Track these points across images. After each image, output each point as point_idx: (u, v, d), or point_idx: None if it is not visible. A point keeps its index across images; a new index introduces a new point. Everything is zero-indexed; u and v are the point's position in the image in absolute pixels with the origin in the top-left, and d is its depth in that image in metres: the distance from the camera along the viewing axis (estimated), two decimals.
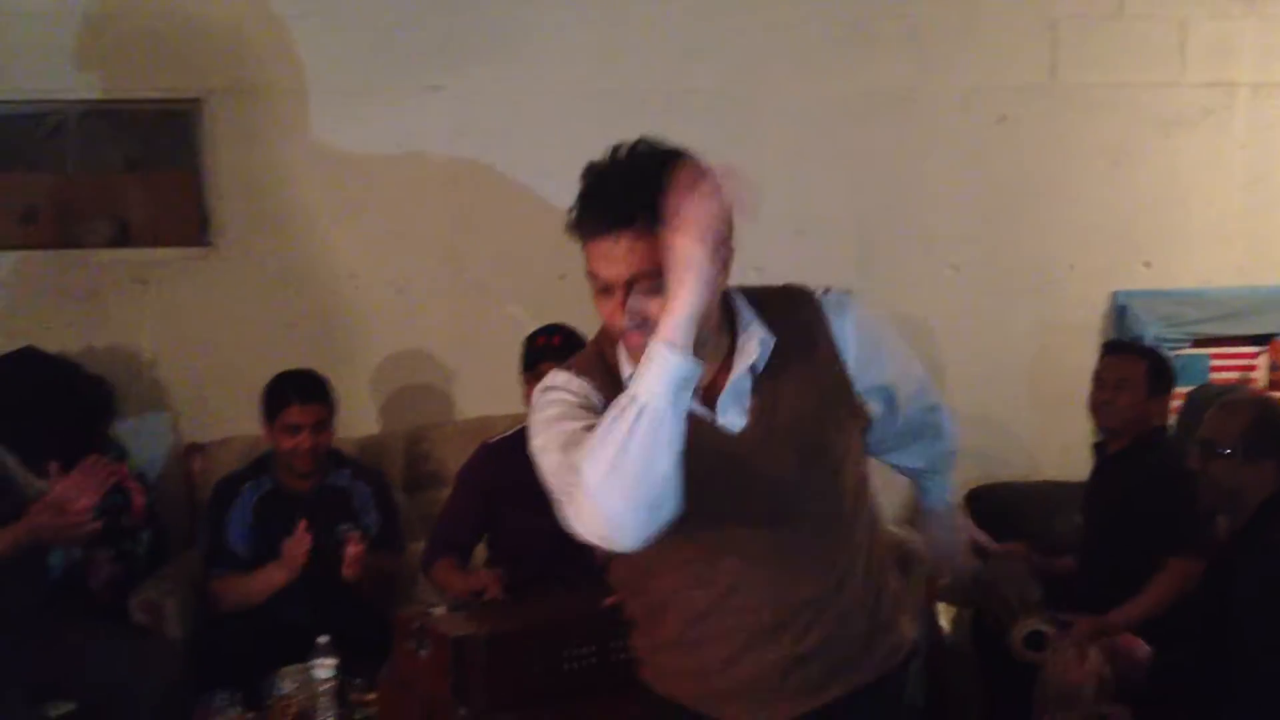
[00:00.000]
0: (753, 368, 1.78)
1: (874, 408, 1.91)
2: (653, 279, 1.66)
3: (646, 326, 1.66)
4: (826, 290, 1.88)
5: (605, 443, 1.57)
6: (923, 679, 3.68)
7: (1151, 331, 4.22)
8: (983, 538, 2.42)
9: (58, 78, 4.04)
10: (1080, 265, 4.39)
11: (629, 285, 1.69)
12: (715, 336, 1.77)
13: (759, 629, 1.83)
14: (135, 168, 4.28)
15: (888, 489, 2.19)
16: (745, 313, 1.81)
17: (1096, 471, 3.55)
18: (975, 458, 4.24)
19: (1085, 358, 3.73)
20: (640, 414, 1.56)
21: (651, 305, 1.66)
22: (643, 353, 1.64)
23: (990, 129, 4.37)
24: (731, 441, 1.79)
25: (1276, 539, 2.69)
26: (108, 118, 4.22)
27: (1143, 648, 2.85)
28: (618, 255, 1.68)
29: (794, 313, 1.84)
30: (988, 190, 4.39)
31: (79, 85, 4.06)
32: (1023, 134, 4.37)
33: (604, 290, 1.72)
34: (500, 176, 4.20)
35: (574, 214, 1.73)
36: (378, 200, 4.18)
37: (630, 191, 1.67)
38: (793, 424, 1.80)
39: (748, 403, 1.80)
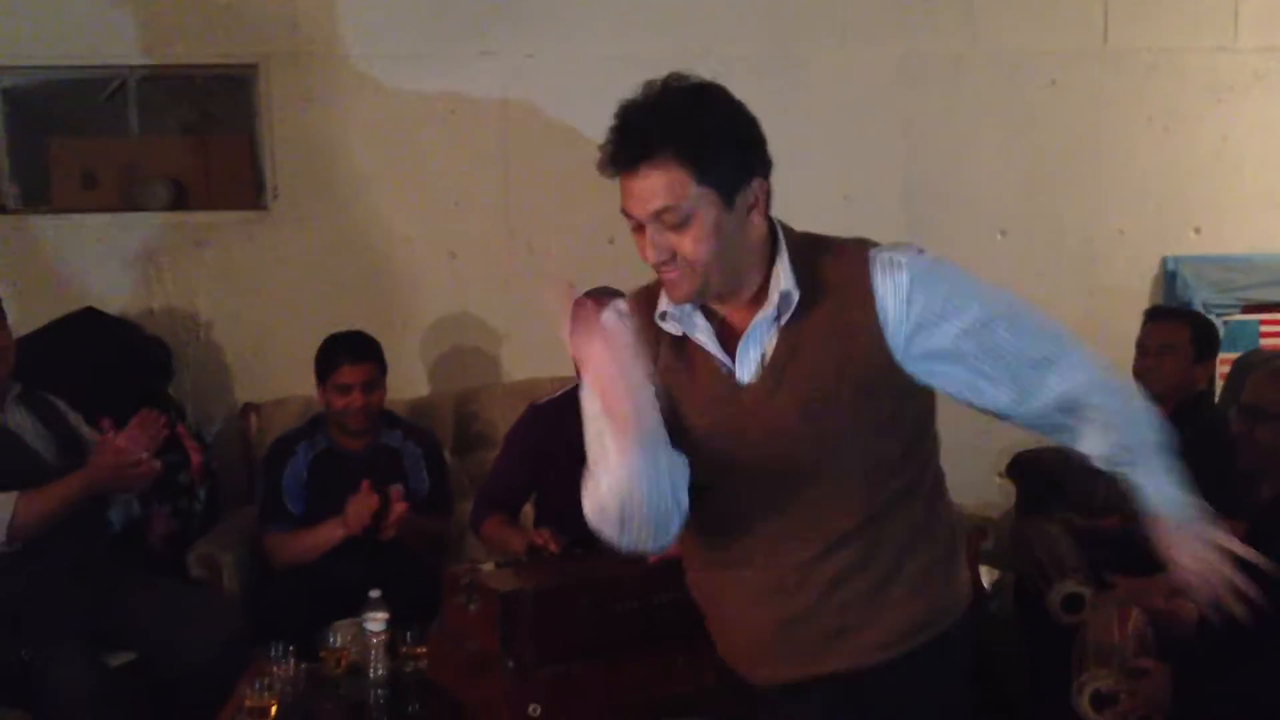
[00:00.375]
0: (776, 319, 1.76)
1: (945, 375, 1.77)
2: (675, 213, 1.67)
3: (675, 262, 1.70)
4: (883, 246, 1.81)
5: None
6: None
7: (1200, 297, 4.21)
8: (1247, 553, 1.93)
9: (118, 44, 4.13)
10: (1130, 230, 4.38)
11: (655, 219, 1.68)
12: (749, 279, 1.77)
13: (755, 586, 1.84)
14: (193, 132, 4.37)
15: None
16: (782, 261, 1.76)
17: None
18: None
19: (1133, 323, 3.73)
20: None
21: (674, 239, 1.68)
22: (675, 289, 1.73)
23: (1040, 94, 4.35)
24: (739, 390, 1.78)
25: None
26: (167, 83, 4.32)
27: (1189, 608, 2.85)
28: (641, 190, 1.69)
29: (837, 268, 1.77)
30: (1037, 155, 4.37)
31: (139, 51, 4.14)
32: (1073, 99, 4.35)
33: (635, 228, 1.72)
34: (550, 141, 4.24)
35: (602, 151, 1.72)
36: (430, 165, 4.24)
37: (652, 125, 1.68)
38: (805, 380, 1.75)
39: (765, 353, 1.77)
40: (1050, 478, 3.94)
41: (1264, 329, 4.32)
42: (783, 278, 1.75)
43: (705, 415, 1.80)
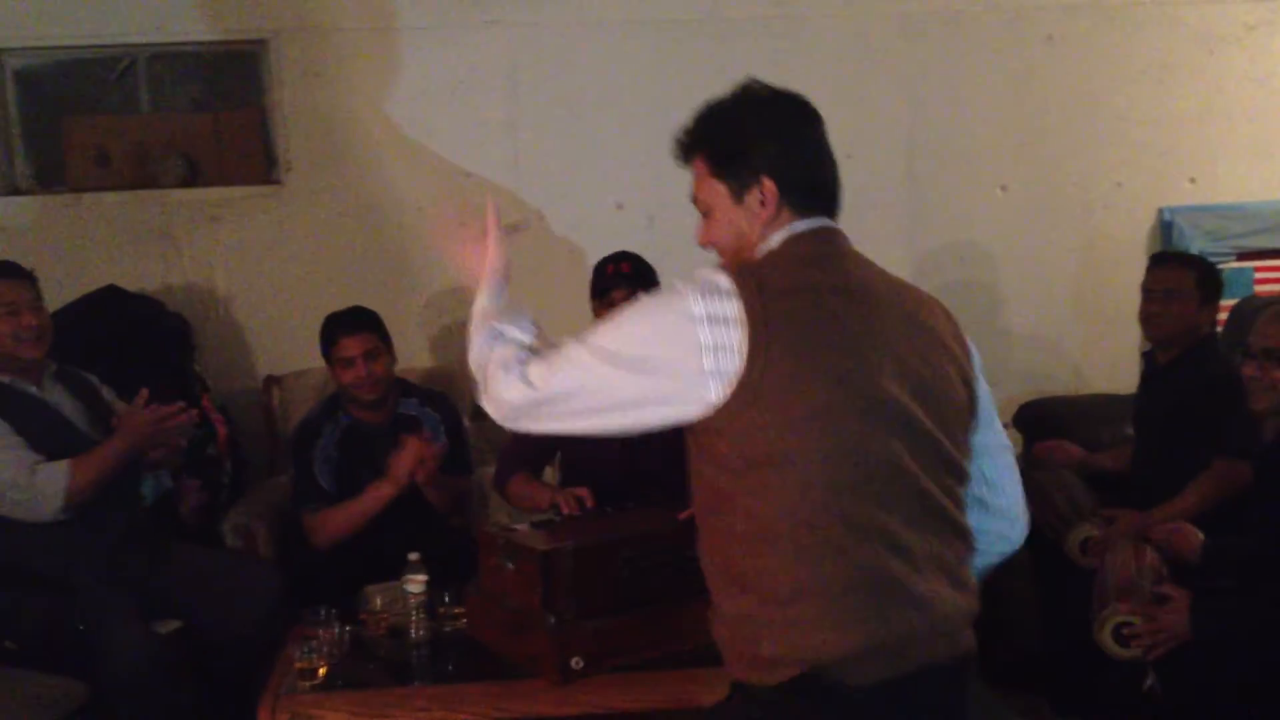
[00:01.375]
0: None
1: None
2: (701, 203, 1.92)
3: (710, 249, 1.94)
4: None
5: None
6: (980, 585, 3.85)
7: (1197, 246, 4.28)
8: None
9: (128, 22, 4.17)
10: (1127, 182, 4.45)
11: (696, 206, 1.94)
12: None
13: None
14: (204, 108, 4.40)
15: None
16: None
17: (1147, 380, 3.64)
18: (1025, 373, 4.38)
19: (1132, 273, 3.80)
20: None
21: (701, 228, 1.93)
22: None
23: (1038, 48, 4.41)
24: None
25: None
26: (177, 60, 4.36)
27: (1194, 533, 2.94)
28: (695, 180, 1.93)
29: None
30: (1035, 109, 4.43)
31: (148, 28, 4.18)
32: (1069, 53, 4.41)
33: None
34: (557, 107, 4.29)
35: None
36: (440, 135, 4.28)
37: (695, 125, 1.92)
38: None
39: None
40: (1056, 424, 4.05)
41: (1258, 275, 4.41)
42: None
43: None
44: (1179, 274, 3.52)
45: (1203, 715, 2.66)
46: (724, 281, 1.75)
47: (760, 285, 1.74)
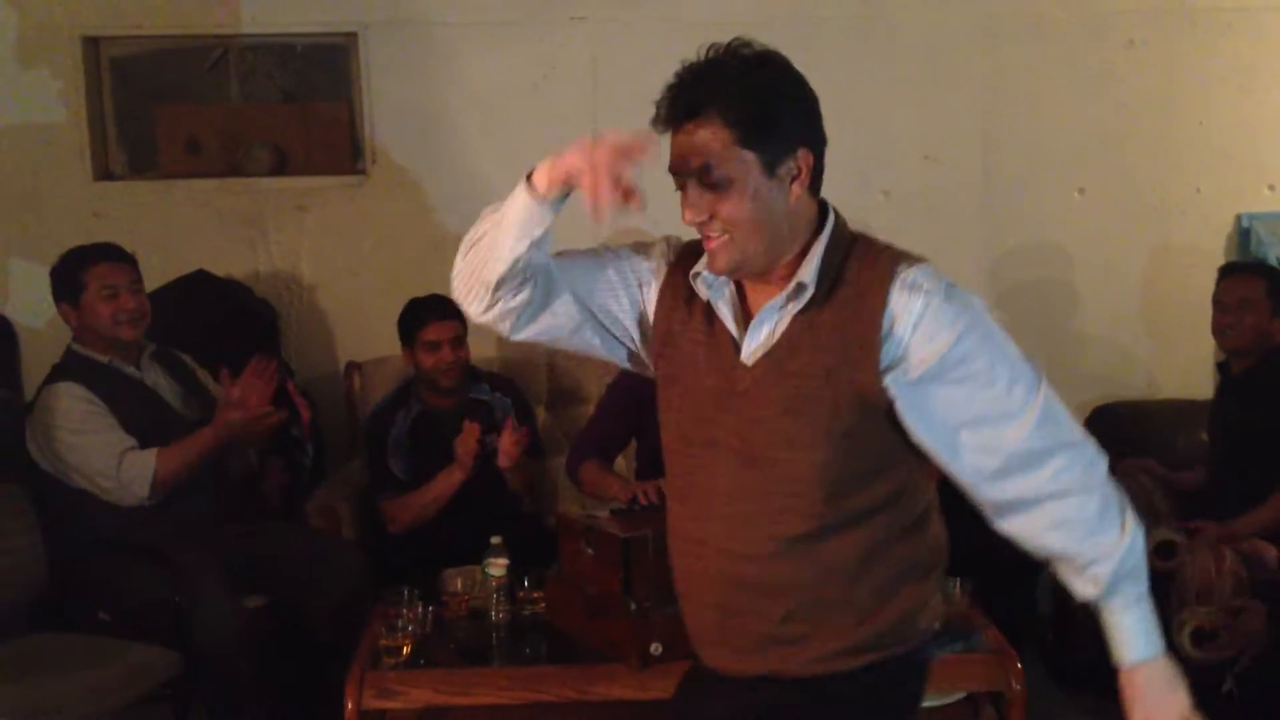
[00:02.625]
0: (783, 306, 1.73)
1: (920, 418, 1.72)
2: (715, 173, 1.66)
3: (714, 225, 1.69)
4: (914, 264, 1.72)
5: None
6: (1055, 588, 3.87)
7: (1274, 253, 4.25)
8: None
9: (220, 12, 4.24)
10: (1205, 188, 4.42)
11: (697, 177, 1.68)
12: (785, 256, 1.73)
13: (706, 568, 1.82)
14: (293, 99, 4.48)
15: None
16: (816, 250, 1.73)
17: (1222, 390, 3.65)
18: (1098, 377, 4.37)
19: (1208, 279, 3.81)
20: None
21: (715, 202, 1.68)
22: (715, 259, 1.71)
23: (1118, 53, 4.39)
24: (737, 368, 1.77)
25: None
26: (268, 51, 4.44)
27: (1271, 550, 2.96)
28: (685, 147, 1.69)
29: (862, 272, 1.72)
30: (1115, 114, 4.41)
31: (241, 21, 4.26)
32: (1151, 58, 4.39)
33: (679, 186, 1.72)
34: (637, 104, 4.32)
35: (656, 108, 1.74)
36: (522, 129, 4.32)
37: (702, 84, 1.68)
38: (793, 377, 1.72)
39: (773, 339, 1.74)
40: (1131, 430, 4.06)
41: None
42: (807, 268, 1.72)
43: (701, 380, 1.80)
44: (1250, 284, 3.54)
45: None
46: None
47: None
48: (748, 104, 1.66)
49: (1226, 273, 3.68)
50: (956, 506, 3.59)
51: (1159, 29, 4.38)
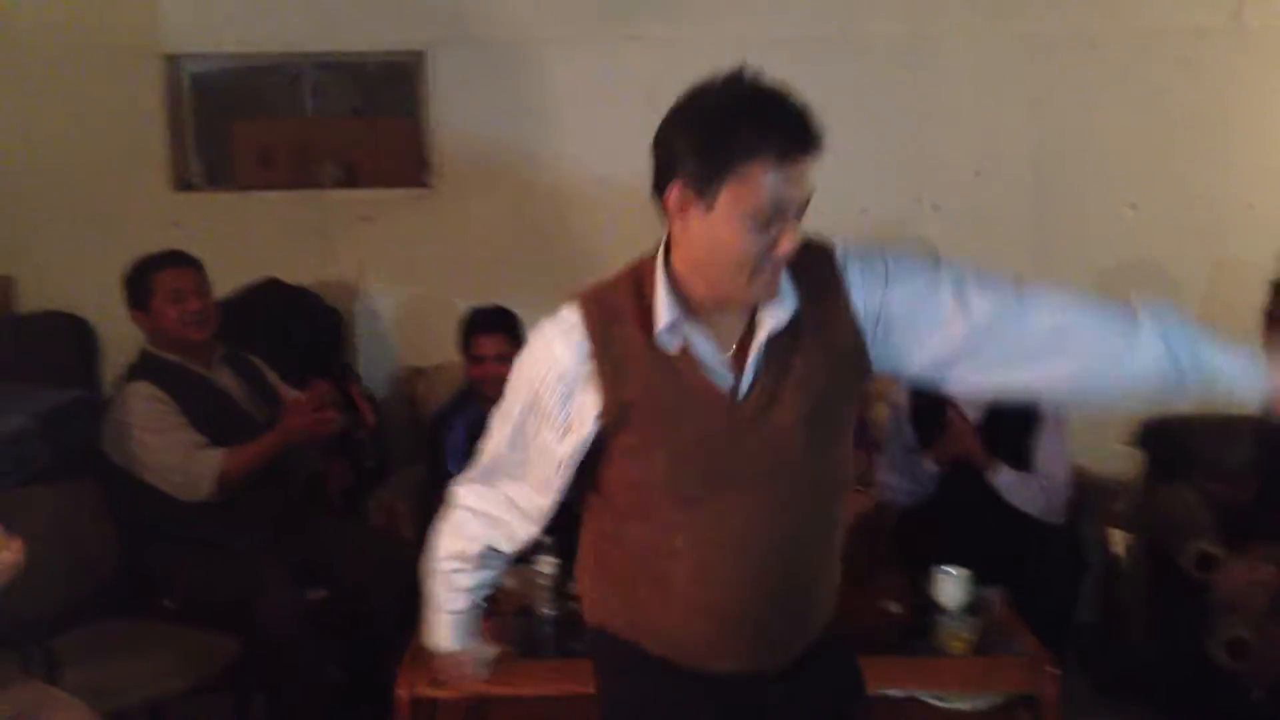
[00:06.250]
0: (774, 323, 1.75)
1: (923, 318, 1.76)
2: (803, 208, 1.67)
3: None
4: (832, 240, 1.79)
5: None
6: (1096, 597, 3.91)
7: None
8: None
9: (295, 31, 4.41)
10: (1259, 205, 4.43)
11: (798, 210, 1.66)
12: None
13: (740, 593, 1.83)
14: (363, 114, 4.65)
15: None
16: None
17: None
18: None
19: (1259, 296, 3.79)
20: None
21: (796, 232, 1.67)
22: (771, 286, 1.69)
23: (1171, 70, 4.42)
24: (736, 403, 1.77)
25: None
26: (339, 69, 4.61)
27: None
28: (803, 178, 1.64)
29: (815, 270, 1.76)
30: (1167, 131, 4.44)
31: (314, 39, 4.43)
32: (1204, 76, 4.41)
33: (773, 217, 1.64)
34: None
35: (748, 134, 1.62)
36: (581, 143, 4.45)
37: (810, 121, 1.64)
38: (802, 389, 1.76)
39: (760, 360, 1.76)
40: (1179, 445, 4.07)
41: None
42: (784, 291, 1.74)
43: (695, 426, 1.77)
44: None
45: None
46: None
47: None
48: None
49: (1278, 288, 3.68)
50: (996, 515, 3.67)
51: (1211, 46, 4.40)
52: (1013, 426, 3.75)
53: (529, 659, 3.09)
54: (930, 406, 3.73)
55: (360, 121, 4.64)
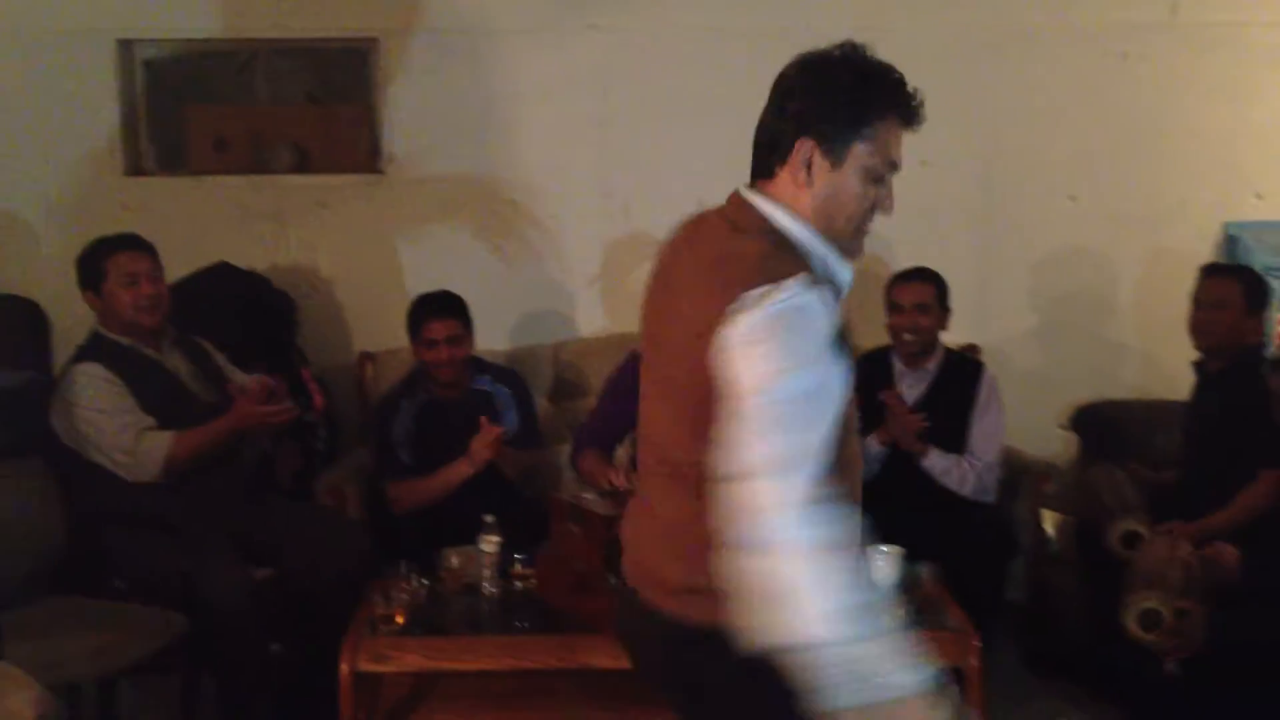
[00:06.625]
0: None
1: None
2: None
3: None
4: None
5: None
6: (1027, 577, 4.01)
7: (1260, 261, 4.32)
8: None
9: (249, 17, 4.44)
10: (1194, 197, 4.53)
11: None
12: None
13: None
14: (316, 101, 4.67)
15: None
16: None
17: (1197, 389, 3.76)
18: (1086, 377, 4.49)
19: (1190, 283, 3.88)
20: None
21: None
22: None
23: (1111, 65, 4.51)
24: None
25: None
26: (293, 55, 4.63)
27: (1231, 552, 3.06)
28: (901, 145, 1.84)
29: None
30: (1107, 124, 4.53)
31: (268, 25, 4.45)
32: (1142, 70, 4.50)
33: (884, 176, 1.81)
34: (646, 110, 4.49)
35: (892, 96, 1.85)
36: (534, 131, 4.51)
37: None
38: None
39: None
40: (1112, 429, 4.17)
41: None
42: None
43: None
44: (1226, 284, 3.65)
45: (1221, 698, 2.79)
46: None
47: None
48: None
49: (1206, 273, 3.78)
50: (930, 495, 3.76)
51: (1150, 42, 4.50)
52: (949, 409, 3.84)
53: (473, 635, 3.16)
54: (870, 389, 3.81)
55: (314, 108, 4.67)
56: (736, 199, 1.85)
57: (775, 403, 1.60)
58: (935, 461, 3.76)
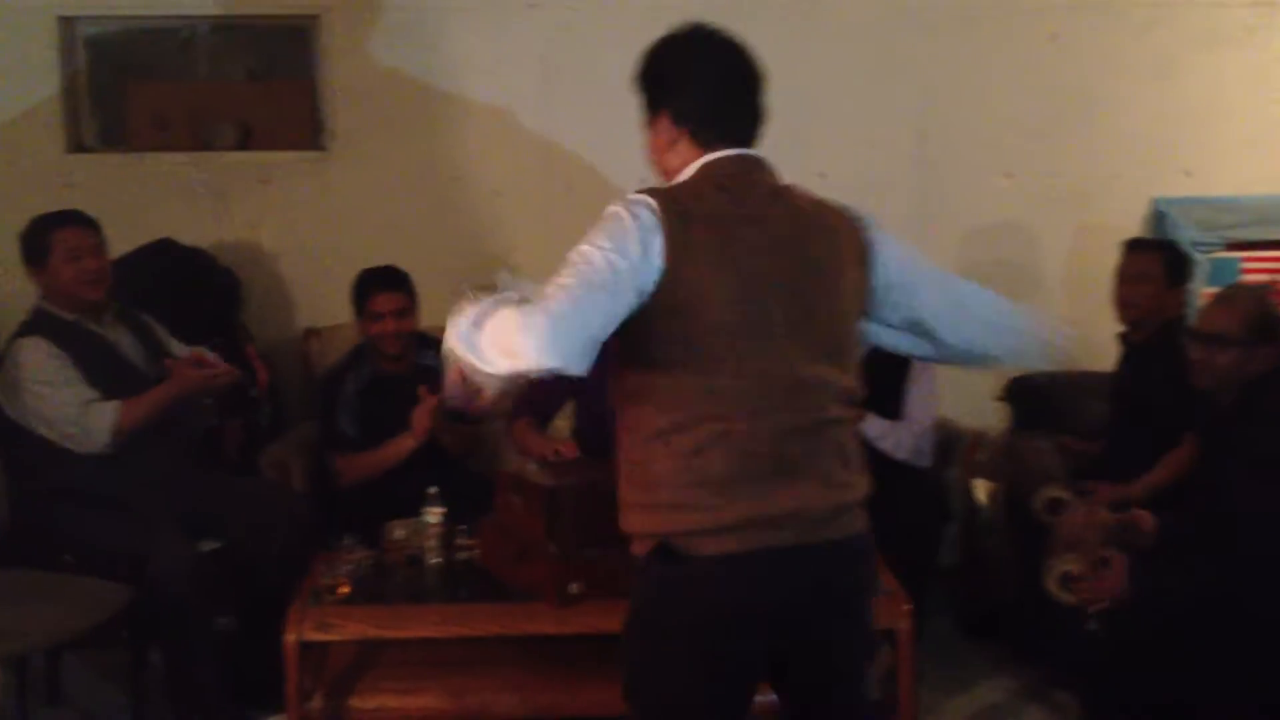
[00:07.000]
0: None
1: None
2: None
3: None
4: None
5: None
6: (960, 544, 4.12)
7: (1188, 235, 4.44)
8: None
9: None
10: (1125, 174, 4.63)
11: None
12: None
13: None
14: (258, 77, 4.68)
15: None
16: None
17: (1122, 360, 3.87)
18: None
19: (1116, 256, 3.99)
20: None
21: None
22: None
23: (1043, 45, 4.60)
24: None
25: (1271, 412, 3.04)
26: (234, 31, 4.64)
27: (1147, 518, 3.17)
28: None
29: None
30: (1040, 103, 4.63)
31: (209, 1, 4.46)
32: (1074, 49, 4.60)
33: None
34: (586, 89, 4.54)
35: None
36: (476, 108, 4.54)
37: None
38: None
39: None
40: (1042, 400, 4.28)
41: (1245, 265, 4.58)
42: None
43: None
44: (1148, 258, 3.76)
45: (1142, 654, 2.89)
46: (649, 201, 1.97)
47: (677, 209, 1.97)
48: (640, 75, 2.21)
49: (1130, 248, 3.88)
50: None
51: (1082, 22, 4.60)
52: (886, 376, 3.92)
53: (416, 604, 3.22)
54: None
55: (256, 84, 4.67)
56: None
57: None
58: (874, 428, 3.84)
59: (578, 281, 1.88)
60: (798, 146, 4.71)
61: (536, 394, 3.85)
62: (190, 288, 4.27)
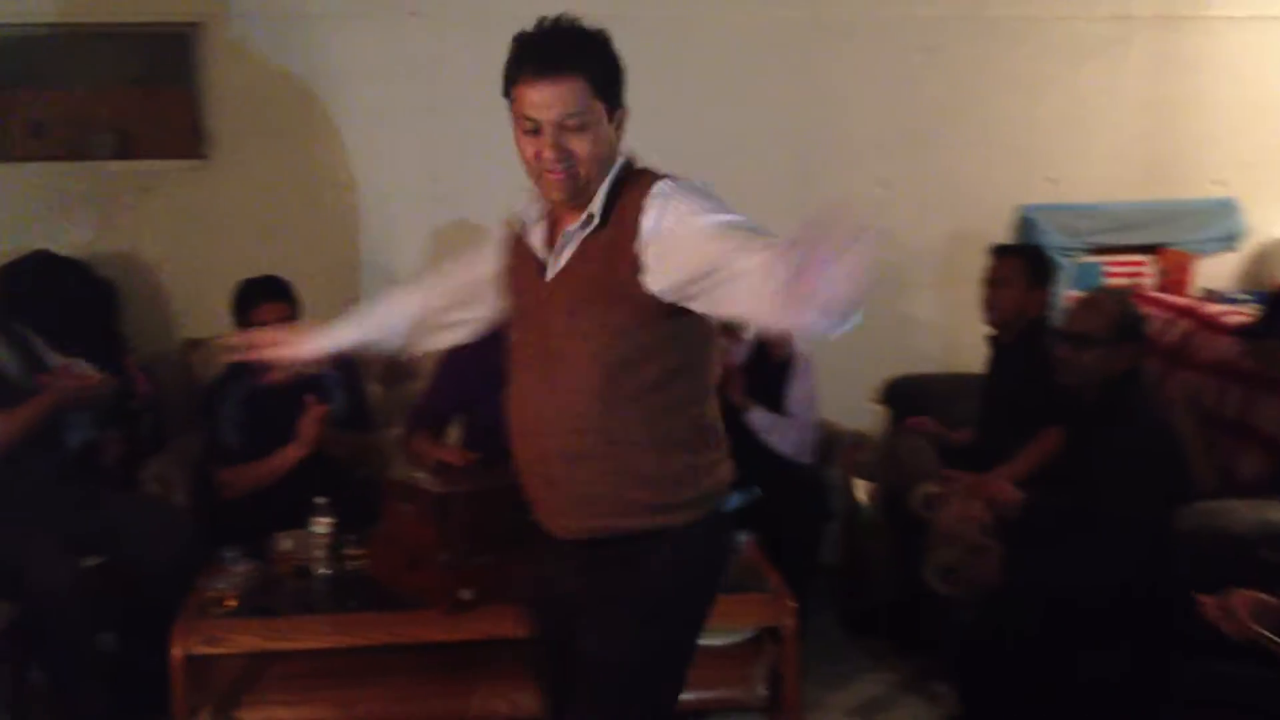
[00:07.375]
0: (580, 230, 2.08)
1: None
2: (579, 118, 2.01)
3: (564, 164, 2.03)
4: (664, 179, 2.06)
5: None
6: (838, 543, 4.23)
7: (1053, 241, 4.63)
8: None
9: (71, 2, 4.36)
10: (992, 181, 4.80)
11: (559, 124, 2.00)
12: (594, 190, 2.08)
13: (533, 451, 2.20)
14: (138, 85, 4.58)
15: None
16: (604, 186, 2.07)
17: (991, 361, 4.03)
18: (895, 353, 4.73)
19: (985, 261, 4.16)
20: None
21: (573, 142, 2.02)
22: (557, 189, 2.04)
23: (916, 57, 4.75)
24: (542, 284, 2.14)
25: (1132, 407, 3.20)
26: (113, 39, 4.54)
27: (1013, 491, 3.33)
28: (553, 97, 2.00)
29: (632, 197, 2.05)
30: (913, 114, 4.77)
31: (87, 8, 4.39)
32: (945, 62, 4.75)
33: (530, 131, 2.03)
34: (471, 97, 4.53)
35: (513, 64, 2.07)
36: (362, 116, 4.54)
37: (566, 44, 2.05)
38: (575, 285, 2.09)
39: (569, 257, 2.11)
40: (918, 400, 4.42)
41: (1107, 269, 4.80)
42: (597, 200, 2.07)
43: (521, 298, 2.22)
44: (1010, 262, 3.92)
45: (1016, 644, 3.02)
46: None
47: None
48: (600, 64, 2.07)
49: (995, 253, 4.03)
50: (748, 463, 3.94)
51: (953, 36, 4.76)
52: (770, 373, 4.02)
53: (305, 614, 3.21)
54: None
55: (137, 91, 4.57)
56: None
57: None
58: (761, 419, 3.92)
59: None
60: (672, 159, 4.78)
61: (429, 406, 3.88)
62: (67, 300, 4.20)
